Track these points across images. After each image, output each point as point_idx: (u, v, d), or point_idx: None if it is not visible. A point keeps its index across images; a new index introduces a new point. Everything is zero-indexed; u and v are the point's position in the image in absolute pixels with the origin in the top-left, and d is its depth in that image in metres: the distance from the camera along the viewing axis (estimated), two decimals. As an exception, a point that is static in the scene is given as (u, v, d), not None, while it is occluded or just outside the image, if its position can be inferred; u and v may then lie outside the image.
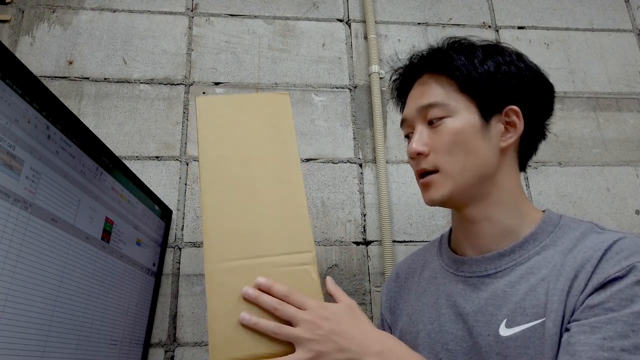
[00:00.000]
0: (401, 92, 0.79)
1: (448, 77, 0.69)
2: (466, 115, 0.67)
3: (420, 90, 0.71)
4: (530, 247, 0.66)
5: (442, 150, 0.67)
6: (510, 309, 0.61)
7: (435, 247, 0.81)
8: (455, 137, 0.66)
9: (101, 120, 1.22)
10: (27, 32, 1.27)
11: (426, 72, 0.72)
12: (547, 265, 0.62)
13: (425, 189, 0.69)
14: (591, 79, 1.43)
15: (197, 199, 1.18)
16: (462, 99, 0.68)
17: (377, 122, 1.28)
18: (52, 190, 0.64)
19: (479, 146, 0.66)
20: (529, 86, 0.70)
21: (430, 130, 0.68)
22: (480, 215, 0.69)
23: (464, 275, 0.70)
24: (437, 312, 0.70)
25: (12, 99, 0.57)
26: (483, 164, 0.67)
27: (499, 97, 0.68)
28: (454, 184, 0.66)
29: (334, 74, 1.35)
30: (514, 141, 0.69)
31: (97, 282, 0.77)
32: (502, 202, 0.68)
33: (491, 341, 0.61)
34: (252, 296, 0.56)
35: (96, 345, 0.76)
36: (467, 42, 0.71)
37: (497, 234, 0.68)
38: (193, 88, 1.28)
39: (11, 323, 0.56)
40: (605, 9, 1.53)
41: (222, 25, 1.36)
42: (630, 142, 1.36)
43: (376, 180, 1.25)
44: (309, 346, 0.54)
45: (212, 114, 0.66)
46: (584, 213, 1.25)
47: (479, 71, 0.67)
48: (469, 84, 0.67)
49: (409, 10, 1.45)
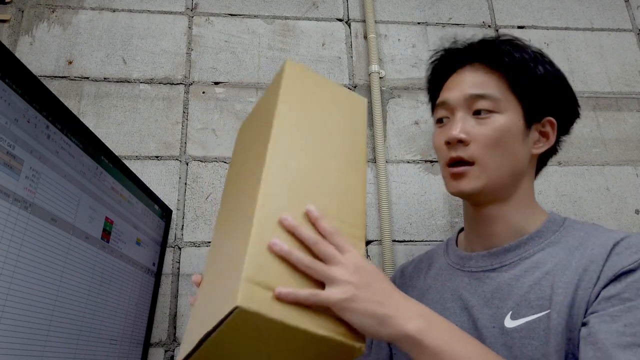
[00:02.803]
0: (442, 73, 0.77)
1: (502, 72, 0.68)
2: (513, 117, 0.67)
3: (471, 77, 0.70)
4: (535, 244, 0.67)
5: (484, 144, 0.66)
6: (516, 302, 0.62)
7: (442, 248, 0.82)
8: (500, 133, 0.66)
9: (101, 120, 1.22)
10: (27, 32, 1.27)
11: (477, 61, 0.71)
12: (552, 261, 0.63)
13: (456, 178, 0.68)
14: (591, 79, 1.43)
15: (197, 198, 1.18)
16: (512, 99, 0.68)
17: (377, 121, 1.28)
18: (52, 190, 0.64)
19: (518, 149, 0.67)
20: (565, 103, 0.72)
21: (474, 120, 0.68)
22: (497, 214, 0.70)
23: (469, 270, 0.71)
24: (442, 307, 0.71)
25: (12, 98, 0.57)
26: (517, 166, 0.68)
27: (543, 107, 0.69)
28: (487, 179, 0.66)
29: (334, 73, 1.35)
30: (543, 151, 0.71)
31: (97, 281, 0.77)
32: (519, 204, 0.70)
33: (496, 333, 0.62)
34: (290, 224, 0.51)
35: (96, 345, 0.76)
36: (522, 44, 0.71)
37: (507, 231, 0.69)
38: (193, 88, 1.28)
39: (11, 323, 0.56)
40: (605, 9, 1.53)
41: (222, 25, 1.36)
42: (630, 142, 1.36)
43: (376, 180, 1.25)
44: (345, 287, 0.49)
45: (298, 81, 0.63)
46: (584, 213, 1.25)
47: (532, 77, 0.68)
48: (521, 86, 0.68)
49: (409, 10, 1.45)
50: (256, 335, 0.48)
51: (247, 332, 0.47)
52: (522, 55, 0.69)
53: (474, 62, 0.71)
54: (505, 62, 0.68)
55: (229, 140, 1.25)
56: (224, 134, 1.25)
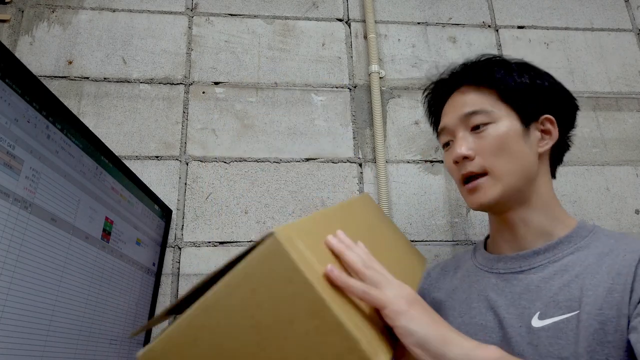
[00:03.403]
0: (435, 105, 0.83)
1: (488, 87, 0.73)
2: (508, 122, 0.71)
3: (461, 100, 0.75)
4: (564, 248, 0.68)
5: (489, 153, 0.70)
6: (544, 303, 0.63)
7: (469, 253, 0.84)
8: (500, 140, 0.69)
9: (101, 120, 1.22)
10: (27, 32, 1.27)
11: (464, 85, 0.76)
12: (581, 264, 0.64)
13: (473, 192, 0.71)
14: (591, 79, 1.43)
15: (197, 198, 1.18)
16: (503, 107, 0.72)
17: (377, 121, 1.28)
18: (52, 190, 0.64)
19: (522, 150, 0.70)
20: (558, 99, 0.75)
21: (473, 136, 0.72)
22: (518, 218, 0.72)
23: (497, 271, 0.72)
24: (468, 307, 0.72)
25: (11, 98, 0.57)
26: (527, 167, 0.70)
27: (536, 106, 0.72)
28: (502, 186, 0.69)
29: (334, 73, 1.35)
30: (549, 148, 0.73)
31: (97, 281, 0.77)
32: (539, 206, 0.72)
33: (523, 332, 0.63)
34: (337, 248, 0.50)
35: (96, 345, 0.76)
36: (500, 59, 0.77)
37: (533, 234, 0.71)
38: (193, 88, 1.28)
39: (11, 323, 0.56)
40: (605, 9, 1.53)
41: (222, 25, 1.36)
42: (630, 142, 1.36)
43: (376, 180, 1.25)
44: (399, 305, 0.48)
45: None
46: (584, 213, 1.25)
47: (517, 81, 0.72)
48: (508, 93, 0.71)
49: (409, 10, 1.45)
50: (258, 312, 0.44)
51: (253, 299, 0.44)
52: (505, 68, 0.73)
53: (461, 86, 0.76)
54: (490, 78, 0.73)
55: (229, 140, 1.25)
56: (224, 134, 1.25)
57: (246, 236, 1.15)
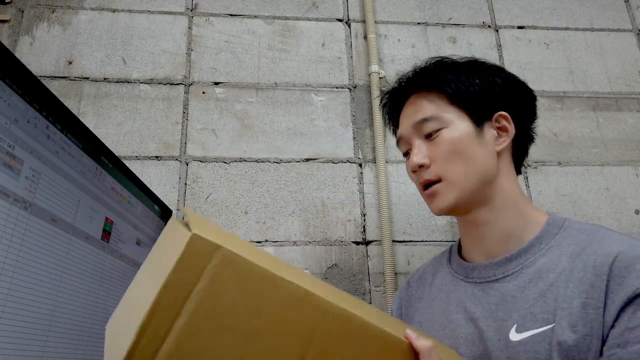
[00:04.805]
0: (393, 114, 0.83)
1: (438, 92, 0.72)
2: (460, 124, 0.70)
3: (413, 108, 0.75)
4: (536, 251, 0.67)
5: (442, 160, 0.69)
6: (521, 315, 0.62)
7: (445, 257, 0.82)
8: (453, 145, 0.69)
9: (101, 120, 1.22)
10: (27, 32, 1.27)
11: (415, 92, 0.76)
12: (555, 269, 0.63)
13: (431, 199, 0.71)
14: (591, 79, 1.43)
15: (196, 198, 1.18)
16: (453, 111, 0.71)
17: (377, 121, 1.28)
18: (52, 190, 0.64)
19: (476, 151, 0.69)
20: (512, 93, 0.74)
21: (428, 143, 0.72)
22: (482, 219, 0.71)
23: (473, 281, 0.71)
24: (448, 319, 0.71)
25: (11, 99, 0.57)
26: (483, 168, 0.69)
27: (488, 105, 0.71)
28: (458, 190, 0.69)
29: (334, 73, 1.35)
30: (507, 145, 0.72)
31: (97, 282, 0.77)
32: (504, 205, 0.70)
33: (502, 345, 0.62)
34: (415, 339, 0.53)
35: (96, 345, 0.76)
36: (450, 61, 0.76)
37: (501, 237, 0.70)
38: (193, 88, 1.28)
39: (11, 323, 0.56)
40: (605, 9, 1.53)
41: (222, 25, 1.36)
42: (630, 142, 1.36)
43: (376, 180, 1.25)
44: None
45: None
46: (584, 213, 1.25)
47: (466, 83, 0.71)
48: (458, 95, 0.71)
49: (409, 10, 1.45)
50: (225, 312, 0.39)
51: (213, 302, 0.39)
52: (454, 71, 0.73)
53: (413, 94, 0.76)
54: (437, 81, 0.72)
55: (229, 141, 1.25)
56: (224, 134, 1.25)
57: (246, 236, 1.15)
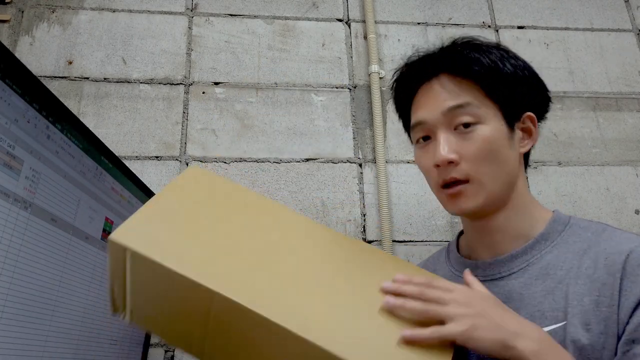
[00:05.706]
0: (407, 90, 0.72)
1: (472, 80, 0.64)
2: (496, 123, 0.64)
3: (443, 90, 0.66)
4: (541, 247, 0.65)
5: (474, 159, 0.63)
6: (529, 312, 0.61)
7: (442, 256, 0.79)
8: (488, 145, 0.63)
9: (101, 120, 1.22)
10: (27, 32, 1.27)
11: (444, 72, 0.67)
12: (562, 267, 0.62)
13: (454, 199, 0.65)
14: (591, 79, 1.43)
15: (197, 198, 1.18)
16: (490, 105, 0.64)
17: (377, 121, 1.28)
18: (52, 190, 0.64)
19: (509, 155, 0.65)
20: (538, 93, 0.69)
21: (457, 137, 0.64)
22: (499, 223, 0.67)
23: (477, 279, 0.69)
24: None
25: (11, 99, 0.57)
26: (510, 172, 0.65)
27: (520, 104, 0.66)
28: (486, 194, 0.64)
29: (334, 73, 1.35)
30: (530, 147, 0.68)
31: (97, 282, 0.77)
32: (517, 207, 0.67)
33: None
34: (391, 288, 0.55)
35: (96, 345, 0.76)
36: (479, 42, 0.67)
37: (511, 237, 0.67)
38: (193, 88, 1.28)
39: (11, 323, 0.56)
40: (605, 9, 1.53)
41: (222, 25, 1.36)
42: (630, 142, 1.36)
43: (376, 180, 1.25)
44: (462, 320, 0.51)
45: None
46: (584, 213, 1.25)
47: (504, 77, 0.65)
48: (495, 90, 0.64)
49: (409, 10, 1.45)
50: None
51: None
52: (490, 58, 0.65)
53: (440, 74, 0.67)
54: (474, 70, 0.64)
55: (229, 141, 1.25)
56: (224, 134, 1.25)
57: (246, 236, 1.15)
